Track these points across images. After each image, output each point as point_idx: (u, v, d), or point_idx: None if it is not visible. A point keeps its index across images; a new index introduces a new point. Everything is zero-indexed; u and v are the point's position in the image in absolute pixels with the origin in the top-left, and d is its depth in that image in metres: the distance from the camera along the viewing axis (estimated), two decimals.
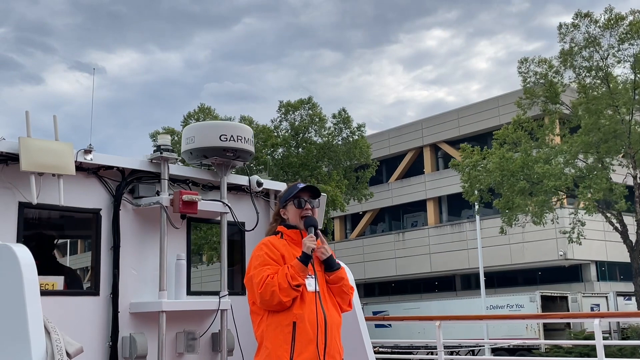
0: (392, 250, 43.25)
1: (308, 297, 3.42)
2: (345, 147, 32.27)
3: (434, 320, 7.80)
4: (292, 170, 30.87)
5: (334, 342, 3.44)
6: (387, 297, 42.91)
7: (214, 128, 4.98)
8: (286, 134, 32.58)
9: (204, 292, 5.26)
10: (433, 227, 42.20)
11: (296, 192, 3.66)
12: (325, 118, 32.56)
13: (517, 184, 25.84)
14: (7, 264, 3.59)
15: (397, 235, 43.66)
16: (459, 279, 42.25)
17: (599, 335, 6.33)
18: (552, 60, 26.91)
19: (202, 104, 33.33)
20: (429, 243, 41.65)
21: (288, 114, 32.93)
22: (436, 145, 43.30)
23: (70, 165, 4.27)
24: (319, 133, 32.72)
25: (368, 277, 43.60)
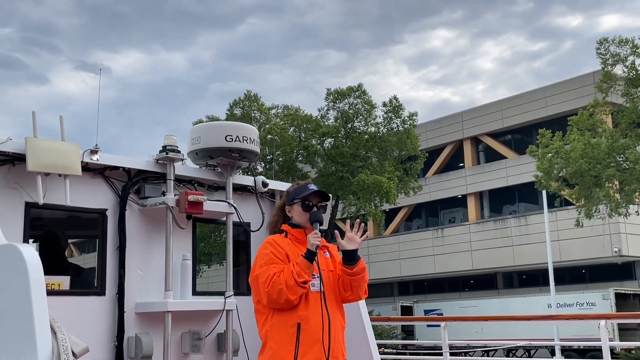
0: (430, 247, 41.25)
1: (313, 298, 3.41)
2: (395, 136, 30.04)
3: (439, 321, 7.79)
4: (343, 160, 28.95)
5: (337, 344, 3.44)
6: (440, 295, 40.82)
7: (219, 129, 4.99)
8: (336, 123, 30.28)
9: (210, 292, 5.27)
10: (474, 223, 40.07)
11: (306, 195, 3.63)
12: (375, 106, 30.44)
13: (604, 171, 23.57)
14: (14, 263, 3.61)
15: (436, 232, 41.56)
16: (500, 277, 40.44)
17: (604, 336, 6.31)
18: (636, 40, 24.41)
19: (249, 91, 31.23)
20: (470, 240, 39.49)
21: (336, 102, 30.65)
22: (477, 138, 41.20)
23: (76, 165, 4.28)
24: (369, 122, 30.58)
25: (404, 275, 42.20)
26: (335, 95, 30.55)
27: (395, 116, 30.34)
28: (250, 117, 30.10)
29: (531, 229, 36.05)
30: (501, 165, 39.43)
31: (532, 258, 35.79)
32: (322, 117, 30.80)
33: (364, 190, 27.76)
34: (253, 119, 30.10)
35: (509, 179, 38.75)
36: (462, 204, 41.85)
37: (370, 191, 27.84)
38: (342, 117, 30.18)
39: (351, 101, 30.32)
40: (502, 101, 39.87)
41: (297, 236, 3.60)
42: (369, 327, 5.07)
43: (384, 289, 43.96)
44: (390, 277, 42.80)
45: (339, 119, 30.20)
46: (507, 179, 38.82)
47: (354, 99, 30.27)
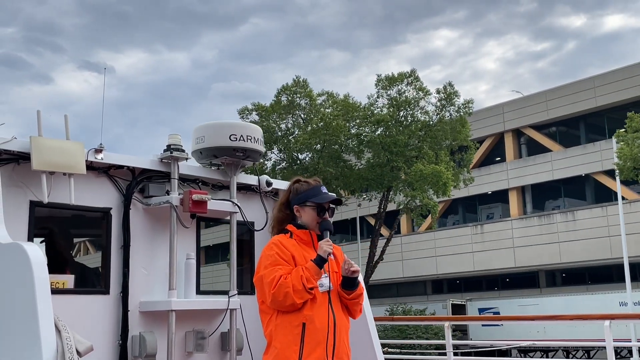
0: (469, 244, 39.16)
1: (319, 298, 3.40)
2: (449, 125, 28.12)
3: (442, 321, 7.77)
4: (397, 150, 27.02)
5: (342, 344, 3.43)
6: (496, 293, 38.46)
7: (223, 128, 4.99)
8: (390, 110, 28.31)
9: (214, 291, 5.27)
10: (517, 219, 37.89)
11: (323, 203, 3.56)
12: (429, 93, 28.55)
13: None
14: (19, 262, 3.62)
15: (475, 228, 39.37)
16: (543, 275, 38.32)
17: (609, 337, 6.30)
18: None
19: (298, 77, 29.71)
20: (512, 236, 37.46)
21: (388, 88, 28.68)
22: (520, 130, 39.01)
23: (81, 164, 4.29)
24: (423, 110, 28.65)
25: (440, 273, 40.43)
26: (386, 81, 28.70)
27: (448, 103, 28.35)
28: (295, 105, 29.07)
29: (580, 224, 34.43)
30: (546, 159, 37.37)
31: (582, 255, 34.27)
32: (370, 105, 29.02)
33: (421, 180, 26.31)
34: (298, 107, 29.14)
35: (554, 173, 36.80)
36: (501, 199, 39.78)
37: (428, 182, 26.38)
38: (394, 104, 28.35)
39: (402, 88, 28.57)
40: (547, 92, 37.71)
41: (303, 237, 3.57)
42: (372, 327, 5.06)
43: (416, 287, 42.57)
44: (425, 275, 41.21)
45: (391, 106, 28.38)
46: (553, 172, 36.85)
47: (405, 86, 28.54)
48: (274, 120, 29.10)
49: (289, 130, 29.38)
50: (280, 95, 29.36)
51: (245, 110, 29.50)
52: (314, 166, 28.07)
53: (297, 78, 29.57)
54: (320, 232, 3.54)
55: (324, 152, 28.01)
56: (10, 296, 3.72)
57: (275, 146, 29.19)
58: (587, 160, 35.65)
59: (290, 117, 29.44)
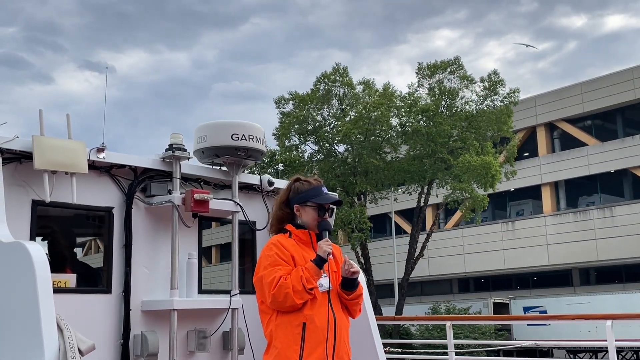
0: (499, 241, 37.40)
1: (319, 298, 3.39)
2: (493, 115, 26.61)
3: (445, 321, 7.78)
4: (442, 140, 25.67)
5: (342, 344, 3.43)
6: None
7: (225, 127, 4.99)
8: (433, 99, 26.86)
9: (215, 290, 5.27)
10: (550, 215, 36.23)
11: (325, 202, 3.56)
12: (474, 81, 27.12)
13: None
14: (21, 261, 3.62)
15: (506, 225, 37.63)
16: (576, 273, 36.86)
17: (610, 337, 6.29)
18: None
19: (338, 64, 28.14)
20: (545, 233, 35.78)
21: (431, 77, 27.28)
22: (553, 124, 37.16)
23: (83, 163, 4.29)
24: (465, 99, 27.21)
25: (469, 271, 38.75)
26: (427, 69, 27.29)
27: (491, 92, 26.94)
28: (332, 94, 27.91)
29: (617, 221, 32.99)
30: (582, 153, 35.74)
31: (619, 252, 33.02)
32: (409, 95, 27.65)
33: (469, 172, 24.88)
34: (335, 96, 27.97)
35: (590, 168, 35.24)
36: (532, 195, 37.99)
37: (477, 174, 24.92)
38: (438, 93, 26.97)
39: (444, 76, 27.25)
40: (583, 84, 35.97)
41: (302, 237, 3.56)
42: (374, 326, 5.07)
43: (442, 285, 41.04)
44: (451, 273, 39.57)
45: (435, 95, 26.97)
46: (589, 167, 35.29)
47: (448, 74, 27.21)
48: (311, 110, 27.79)
49: (326, 120, 28.09)
50: (319, 83, 28.00)
51: (281, 100, 28.39)
52: (356, 158, 26.88)
53: (337, 65, 28.10)
54: (319, 232, 3.53)
55: (366, 142, 26.57)
56: (13, 295, 3.73)
57: (311, 137, 28.12)
58: (624, 154, 34.09)
59: (326, 107, 28.10)
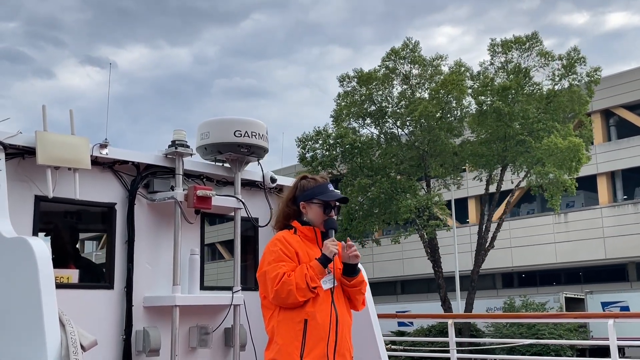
0: (550, 234, 35.32)
1: (321, 295, 3.39)
2: (575, 95, 24.69)
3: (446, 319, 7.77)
4: (522, 122, 24.03)
5: (344, 341, 3.43)
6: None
7: (228, 124, 5.00)
8: (509, 78, 24.90)
9: (217, 287, 5.28)
10: (607, 206, 34.37)
11: (331, 200, 3.56)
12: (554, 58, 25.14)
13: None
14: (23, 256, 3.63)
15: (558, 217, 35.05)
16: (633, 267, 34.81)
17: (612, 336, 6.28)
18: None
19: (409, 39, 26.49)
20: (602, 225, 33.95)
21: (507, 53, 25.49)
22: (609, 110, 35.21)
23: (86, 159, 4.30)
24: (540, 77, 25.21)
25: (517, 265, 36.72)
26: (501, 47, 25.59)
27: (569, 71, 24.93)
28: (398, 73, 26.34)
29: None
30: None
31: None
32: (479, 73, 26.03)
33: (554, 156, 23.11)
34: (399, 75, 26.35)
35: None
36: (584, 186, 34.50)
37: (564, 157, 23.21)
38: (512, 70, 25.19)
39: (518, 54, 25.51)
40: None
41: (307, 234, 3.57)
42: (376, 323, 5.07)
43: (484, 280, 37.79)
44: (496, 268, 36.72)
45: (508, 73, 25.24)
46: None
47: (523, 52, 25.43)
48: (374, 89, 26.27)
49: (392, 100, 26.62)
50: (387, 60, 26.36)
51: (346, 77, 27.03)
52: (428, 139, 25.10)
53: (408, 40, 26.51)
54: (325, 230, 3.53)
55: (443, 122, 25.12)
56: (15, 290, 3.74)
57: (371, 119, 26.84)
58: None
59: (395, 85, 26.52)
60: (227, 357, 5.12)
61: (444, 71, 26.21)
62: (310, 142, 27.51)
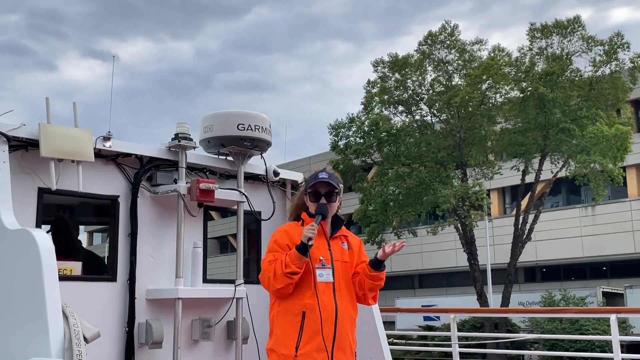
0: (576, 227, 33.68)
1: (321, 288, 3.39)
2: (619, 81, 23.35)
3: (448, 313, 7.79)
4: (565, 109, 22.86)
5: (344, 335, 3.40)
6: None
7: (231, 117, 4.99)
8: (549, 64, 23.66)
9: (220, 280, 5.29)
10: (637, 199, 32.83)
11: (314, 184, 3.56)
12: (598, 42, 23.77)
13: None
14: (27, 248, 3.64)
15: (584, 210, 33.82)
16: None
17: (615, 330, 6.27)
18: None
19: (447, 21, 25.32)
20: (631, 218, 32.33)
21: (548, 38, 24.19)
22: (638, 101, 32.83)
23: (89, 151, 4.30)
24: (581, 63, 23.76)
25: (541, 260, 34.93)
26: (540, 31, 24.32)
27: (611, 57, 23.58)
28: (434, 58, 25.22)
29: None
30: None
31: None
32: (515, 60, 24.76)
33: (600, 144, 22.13)
34: (434, 61, 25.23)
35: None
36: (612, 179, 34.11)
37: (610, 145, 22.19)
38: (555, 57, 23.85)
39: (558, 39, 24.22)
40: None
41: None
42: (378, 318, 5.07)
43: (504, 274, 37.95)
44: (524, 261, 33.34)
45: (551, 58, 23.90)
46: None
47: (563, 37, 24.15)
48: (408, 75, 25.17)
49: (427, 86, 25.41)
50: (424, 44, 25.29)
51: (380, 62, 25.85)
52: (464, 127, 24.05)
53: (446, 23, 25.32)
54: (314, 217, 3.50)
55: (483, 109, 23.91)
56: (19, 282, 3.74)
57: (403, 107, 25.84)
58: None
59: (430, 71, 25.42)
60: (229, 350, 5.13)
61: (482, 56, 25.00)
62: (343, 129, 26.63)
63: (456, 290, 36.84)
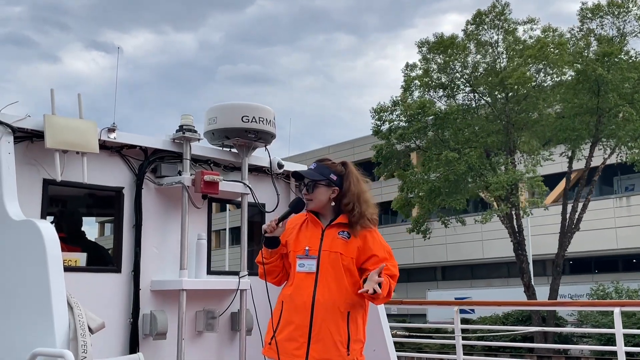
0: (610, 218, 32.37)
1: (300, 278, 3.38)
2: None
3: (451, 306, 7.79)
4: (622, 92, 21.78)
5: (324, 326, 3.29)
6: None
7: (236, 109, 5.00)
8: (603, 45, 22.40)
9: (224, 271, 5.31)
10: None
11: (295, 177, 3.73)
12: None
13: None
14: (32, 239, 3.65)
15: (619, 201, 32.57)
16: None
17: (619, 324, 6.27)
18: None
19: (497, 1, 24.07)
20: None
21: (602, 17, 23.22)
22: None
23: (94, 143, 4.31)
24: None
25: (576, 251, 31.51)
26: (592, 11, 23.36)
27: None
28: (479, 40, 24.09)
29: None
30: None
31: None
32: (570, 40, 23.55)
33: None
34: (480, 44, 24.05)
35: None
36: None
37: None
38: (606, 38, 22.86)
39: (611, 19, 23.21)
40: None
41: (310, 217, 3.58)
42: (382, 310, 5.09)
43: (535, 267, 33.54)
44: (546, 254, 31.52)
45: (603, 39, 22.82)
46: None
47: (616, 17, 23.18)
48: (453, 56, 24.05)
49: (472, 68, 24.32)
50: (472, 23, 24.26)
51: (425, 43, 24.71)
52: (522, 109, 22.77)
53: (496, 1, 24.11)
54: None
55: (538, 90, 22.69)
56: (24, 273, 3.76)
57: (444, 90, 24.81)
58: None
59: (477, 53, 24.28)
60: (233, 341, 5.15)
61: (534, 36, 23.78)
62: (385, 113, 25.43)
63: (481, 283, 36.01)
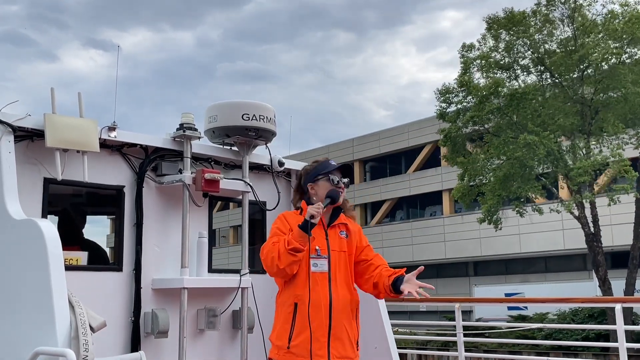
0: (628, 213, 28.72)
1: (314, 278, 3.37)
2: None
3: (453, 303, 7.77)
4: None
5: (340, 325, 3.37)
6: None
7: (236, 107, 4.99)
8: None
9: (225, 269, 5.31)
10: None
11: (332, 170, 3.60)
12: None
13: None
14: (33, 238, 3.65)
15: None
16: None
17: (620, 320, 6.26)
18: None
19: None
20: None
21: None
22: None
23: (94, 142, 4.31)
24: None
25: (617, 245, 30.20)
26: None
27: None
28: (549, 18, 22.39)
29: None
30: None
31: None
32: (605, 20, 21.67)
33: None
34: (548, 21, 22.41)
35: None
36: None
37: None
38: None
39: None
40: None
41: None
42: (383, 307, 5.09)
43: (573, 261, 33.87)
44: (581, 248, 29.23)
45: None
46: None
47: None
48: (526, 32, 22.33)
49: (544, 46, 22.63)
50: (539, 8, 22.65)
51: (495, 19, 22.86)
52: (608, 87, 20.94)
53: None
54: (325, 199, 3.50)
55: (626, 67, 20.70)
56: (25, 272, 3.76)
57: (506, 71, 23.08)
58: None
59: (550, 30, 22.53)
60: (234, 339, 5.15)
61: (612, 11, 21.91)
62: (451, 95, 23.68)
63: (516, 279, 34.80)
